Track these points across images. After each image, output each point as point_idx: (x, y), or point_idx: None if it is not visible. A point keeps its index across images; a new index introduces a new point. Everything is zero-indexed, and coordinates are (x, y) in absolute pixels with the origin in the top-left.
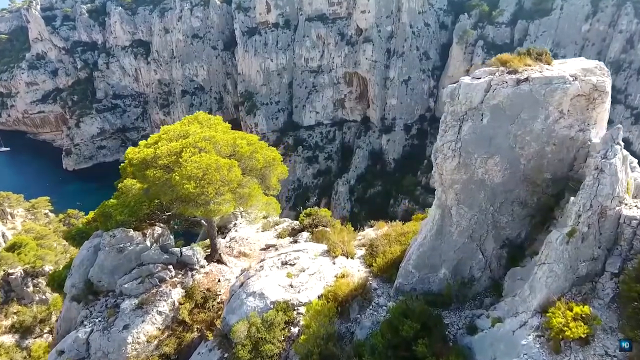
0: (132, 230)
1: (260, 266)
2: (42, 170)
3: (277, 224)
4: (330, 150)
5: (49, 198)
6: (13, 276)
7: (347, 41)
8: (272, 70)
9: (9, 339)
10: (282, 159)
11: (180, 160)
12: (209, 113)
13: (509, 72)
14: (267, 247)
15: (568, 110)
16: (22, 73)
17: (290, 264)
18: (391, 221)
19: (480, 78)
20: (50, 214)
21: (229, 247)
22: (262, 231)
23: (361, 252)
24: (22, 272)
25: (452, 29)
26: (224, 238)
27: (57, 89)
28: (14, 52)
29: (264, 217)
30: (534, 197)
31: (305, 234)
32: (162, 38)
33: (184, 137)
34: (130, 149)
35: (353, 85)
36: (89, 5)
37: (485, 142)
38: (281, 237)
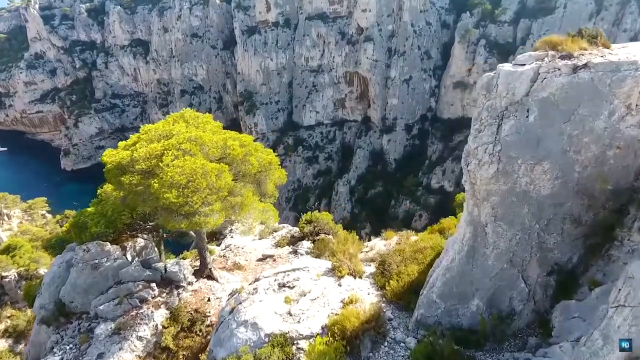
0: (109, 244)
1: (254, 288)
2: (40, 170)
3: (276, 231)
4: (331, 151)
5: (45, 199)
6: (7, 279)
7: (347, 40)
8: (272, 69)
9: (2, 344)
10: (279, 162)
11: (161, 164)
12: (208, 113)
13: (562, 57)
14: (264, 258)
15: (637, 105)
16: (21, 73)
17: (289, 287)
18: (400, 230)
19: (524, 65)
20: (47, 214)
21: (223, 256)
22: (259, 239)
23: (370, 268)
24: (16, 275)
25: (454, 28)
26: (219, 245)
27: (56, 88)
28: (13, 52)
29: (262, 224)
30: (590, 212)
31: (305, 243)
32: (161, 37)
33: (167, 138)
34: (107, 151)
35: (354, 85)
36: (87, 4)
37: (532, 144)
38: (280, 246)
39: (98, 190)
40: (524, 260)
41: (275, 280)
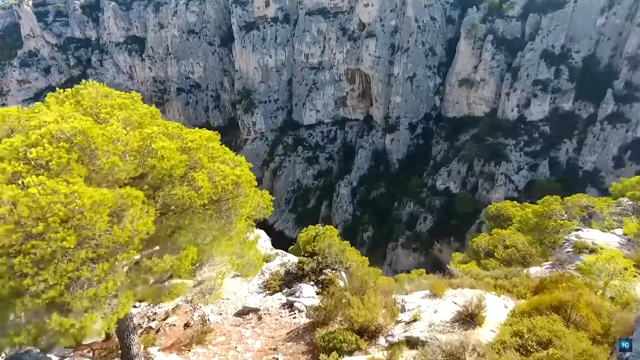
0: None
1: None
2: None
3: (266, 260)
4: (332, 151)
5: None
6: None
7: (349, 36)
8: (271, 66)
9: None
10: (254, 181)
11: None
12: (205, 112)
13: None
14: (245, 312)
15: None
16: (14, 71)
17: None
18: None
19: None
20: None
21: (188, 305)
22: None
23: None
24: None
25: (460, 23)
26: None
27: (50, 87)
28: (6, 50)
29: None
30: None
31: (306, 288)
32: (156, 34)
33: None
34: None
35: (355, 83)
36: (82, 0)
37: None
38: (269, 289)
39: None
40: None
41: None
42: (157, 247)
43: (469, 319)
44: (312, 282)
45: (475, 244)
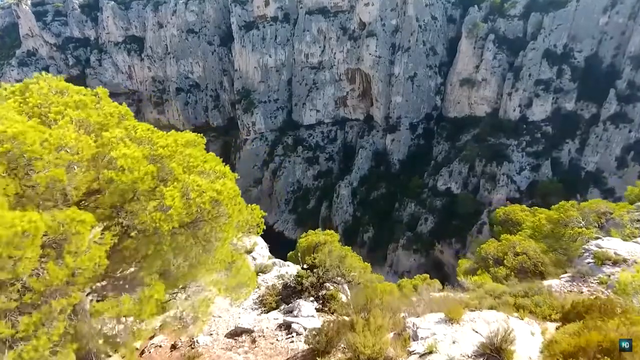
0: None
1: None
2: None
3: (262, 271)
4: (332, 151)
5: None
6: None
7: (349, 36)
8: (271, 66)
9: None
10: (239, 197)
11: None
12: (204, 112)
13: None
14: (238, 333)
15: None
16: (12, 70)
17: None
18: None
19: None
20: None
21: (177, 322)
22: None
23: None
24: None
25: (461, 23)
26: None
27: None
28: (5, 49)
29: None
30: None
31: (306, 305)
32: (155, 33)
33: None
34: None
35: (355, 82)
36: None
37: None
38: (265, 306)
39: None
40: None
41: None
42: (118, 277)
43: (495, 354)
44: (312, 298)
45: (483, 251)
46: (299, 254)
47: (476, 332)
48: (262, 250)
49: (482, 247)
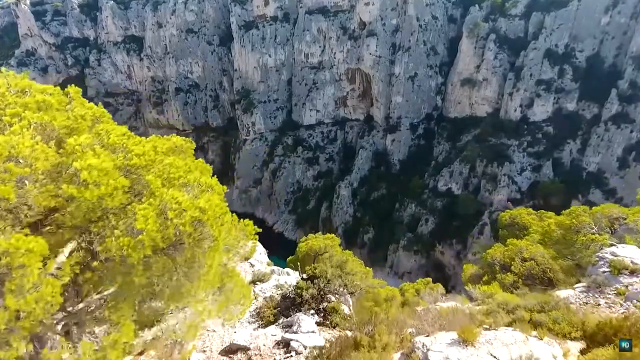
0: None
1: None
2: None
3: (260, 280)
4: (332, 151)
5: None
6: None
7: (349, 35)
8: (270, 66)
9: None
10: (228, 215)
11: None
12: (204, 112)
13: None
14: (232, 350)
15: None
16: (11, 70)
17: None
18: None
19: None
20: None
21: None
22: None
23: None
24: None
25: (462, 22)
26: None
27: None
28: (4, 49)
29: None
30: None
31: (306, 320)
32: (155, 33)
33: None
34: None
35: (356, 82)
36: None
37: None
38: (262, 320)
39: None
40: None
41: None
42: (81, 311)
43: None
44: (312, 311)
45: (489, 256)
46: (299, 258)
47: (494, 357)
48: (260, 256)
49: (488, 252)
